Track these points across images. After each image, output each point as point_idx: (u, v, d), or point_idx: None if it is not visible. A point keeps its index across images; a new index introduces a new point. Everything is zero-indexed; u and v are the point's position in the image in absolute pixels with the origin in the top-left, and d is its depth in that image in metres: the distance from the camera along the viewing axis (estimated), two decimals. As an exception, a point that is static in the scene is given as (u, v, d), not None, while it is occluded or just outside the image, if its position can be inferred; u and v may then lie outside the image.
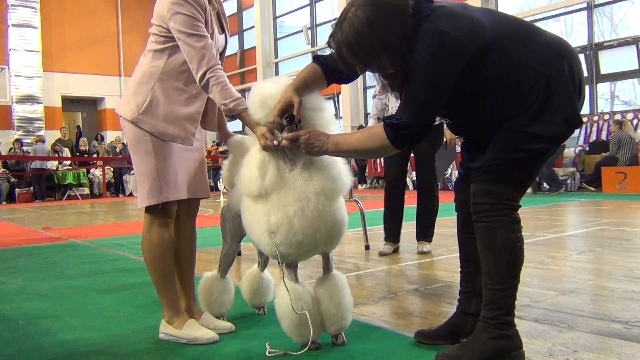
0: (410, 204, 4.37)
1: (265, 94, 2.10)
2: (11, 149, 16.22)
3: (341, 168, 2.12)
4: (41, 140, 16.31)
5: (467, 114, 1.93)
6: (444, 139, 4.39)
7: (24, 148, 16.37)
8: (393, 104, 4.18)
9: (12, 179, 15.66)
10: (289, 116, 2.00)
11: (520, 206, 1.90)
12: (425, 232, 4.27)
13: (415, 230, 4.34)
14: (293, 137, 1.99)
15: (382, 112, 4.38)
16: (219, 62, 2.20)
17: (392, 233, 4.28)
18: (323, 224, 2.05)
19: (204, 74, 2.14)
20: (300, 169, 2.06)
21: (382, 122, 1.88)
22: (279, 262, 2.10)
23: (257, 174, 2.04)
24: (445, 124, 4.04)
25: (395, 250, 4.28)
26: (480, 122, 1.90)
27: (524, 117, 1.80)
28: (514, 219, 1.87)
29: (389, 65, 1.86)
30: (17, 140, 16.52)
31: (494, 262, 1.87)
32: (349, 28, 1.82)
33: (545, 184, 10.56)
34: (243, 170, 2.13)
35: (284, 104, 2.01)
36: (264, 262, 2.70)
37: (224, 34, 2.42)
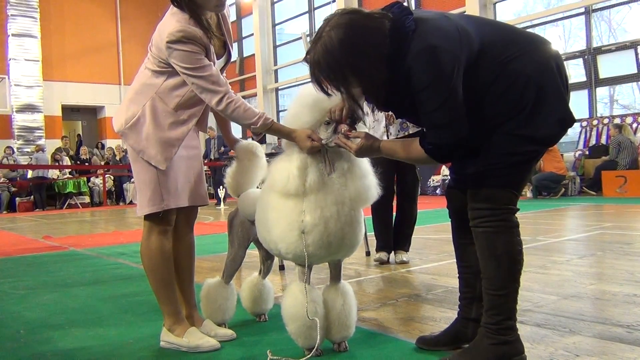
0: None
1: (319, 94, 2.06)
2: (3, 157, 16.14)
3: (373, 179, 2.16)
4: (41, 149, 16.32)
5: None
6: None
7: (18, 157, 16.31)
8: None
9: (13, 188, 15.65)
10: (353, 118, 2.04)
11: (518, 209, 1.90)
12: (403, 242, 4.22)
13: (393, 238, 4.25)
14: (355, 136, 2.01)
15: None
16: (229, 86, 2.21)
17: (386, 244, 4.22)
18: (352, 230, 2.10)
19: (220, 101, 2.14)
20: (338, 173, 2.09)
21: (421, 143, 1.90)
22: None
23: (297, 174, 2.05)
24: None
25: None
26: (473, 128, 1.88)
27: (518, 120, 1.80)
28: (513, 223, 1.87)
29: (356, 86, 1.86)
30: (9, 146, 16.48)
31: (494, 268, 1.86)
32: (321, 49, 1.81)
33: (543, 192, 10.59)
34: (278, 168, 2.14)
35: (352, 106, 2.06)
36: (266, 269, 2.69)
37: (225, 51, 2.41)
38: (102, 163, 17.24)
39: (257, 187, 2.57)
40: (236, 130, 12.58)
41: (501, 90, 1.81)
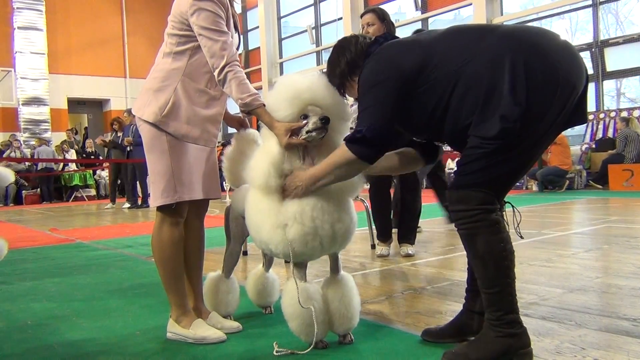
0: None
1: (299, 86, 2.09)
2: (11, 150, 16.09)
3: None
4: (44, 142, 16.35)
5: (442, 132, 1.97)
6: None
7: (23, 150, 16.34)
8: None
9: (22, 180, 15.70)
10: (325, 119, 2.09)
11: (497, 207, 1.88)
12: (408, 234, 4.22)
13: (397, 231, 4.27)
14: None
15: None
16: (238, 59, 2.21)
17: (383, 232, 4.24)
18: (343, 225, 2.10)
19: (222, 68, 2.14)
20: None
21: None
22: (288, 261, 2.11)
23: (274, 173, 2.06)
24: None
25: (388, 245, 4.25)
26: (454, 136, 1.94)
27: (474, 123, 1.82)
28: (491, 221, 1.85)
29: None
30: (16, 139, 16.47)
31: (481, 268, 1.87)
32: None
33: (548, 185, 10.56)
34: (256, 163, 2.13)
35: None
36: (268, 261, 2.70)
37: (237, 34, 2.43)
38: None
39: None
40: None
41: (461, 94, 1.85)
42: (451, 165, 12.83)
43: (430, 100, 1.91)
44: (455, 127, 1.90)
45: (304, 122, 2.07)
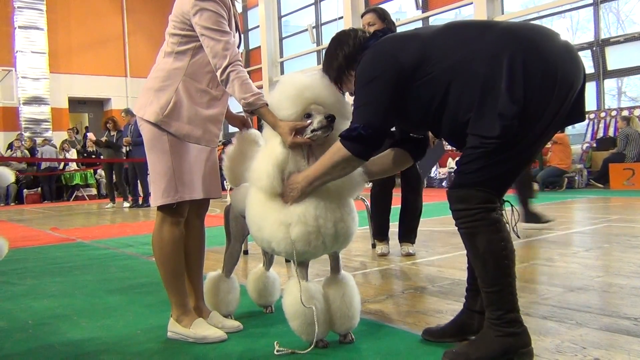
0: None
1: (301, 85, 2.09)
2: (13, 150, 16.04)
3: (359, 169, 2.15)
4: (47, 142, 16.34)
5: (441, 128, 1.96)
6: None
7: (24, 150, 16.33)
8: None
9: (26, 176, 15.68)
10: (330, 118, 2.11)
11: (497, 206, 1.89)
12: (409, 233, 4.21)
13: (397, 230, 4.26)
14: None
15: None
16: (240, 59, 2.21)
17: (380, 231, 4.25)
18: (345, 224, 2.10)
19: (225, 68, 2.14)
20: None
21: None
22: (292, 261, 2.10)
23: (276, 175, 2.05)
24: None
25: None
26: (453, 133, 1.93)
27: (472, 120, 1.82)
28: (492, 220, 1.85)
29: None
30: (18, 139, 16.46)
31: (481, 267, 1.87)
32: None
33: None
34: (258, 163, 2.12)
35: None
36: (268, 261, 2.70)
37: (238, 33, 2.44)
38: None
39: None
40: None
41: (459, 91, 1.85)
42: (452, 164, 12.84)
43: (426, 94, 1.91)
44: (454, 123, 1.89)
45: (308, 121, 2.07)
